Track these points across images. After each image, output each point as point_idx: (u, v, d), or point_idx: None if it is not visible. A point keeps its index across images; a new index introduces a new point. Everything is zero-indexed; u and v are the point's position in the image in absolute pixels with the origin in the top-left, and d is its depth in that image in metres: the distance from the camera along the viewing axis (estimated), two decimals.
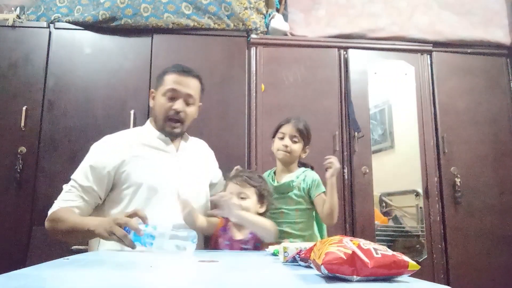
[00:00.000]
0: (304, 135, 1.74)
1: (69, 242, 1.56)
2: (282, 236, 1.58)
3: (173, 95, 1.53)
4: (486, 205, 2.47)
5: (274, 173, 1.79)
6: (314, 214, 1.72)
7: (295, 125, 1.73)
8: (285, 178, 1.72)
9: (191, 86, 1.56)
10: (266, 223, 1.48)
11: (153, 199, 1.44)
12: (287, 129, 1.74)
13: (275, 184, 1.72)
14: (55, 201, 1.46)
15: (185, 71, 1.57)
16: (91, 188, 1.44)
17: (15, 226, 2.16)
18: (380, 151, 2.58)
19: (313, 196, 1.67)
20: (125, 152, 1.48)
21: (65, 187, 1.47)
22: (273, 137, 1.80)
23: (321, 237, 1.73)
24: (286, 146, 1.71)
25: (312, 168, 1.79)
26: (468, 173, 2.49)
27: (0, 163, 2.21)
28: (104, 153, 1.48)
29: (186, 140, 1.65)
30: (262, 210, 1.52)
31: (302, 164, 1.80)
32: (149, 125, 1.62)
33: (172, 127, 1.54)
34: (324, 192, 1.66)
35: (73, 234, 1.38)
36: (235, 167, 1.69)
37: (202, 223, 1.45)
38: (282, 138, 1.74)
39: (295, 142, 1.72)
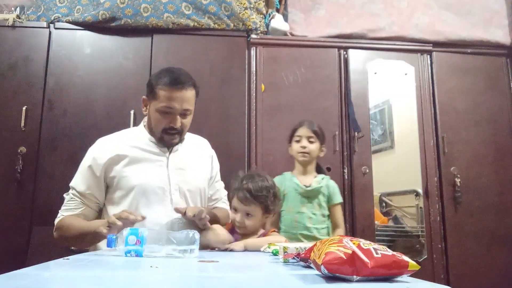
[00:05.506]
0: (319, 135, 1.84)
1: (80, 247, 1.54)
2: (311, 241, 1.61)
3: (169, 111, 1.46)
4: (486, 205, 2.47)
5: (295, 177, 1.88)
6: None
7: (309, 126, 1.84)
8: (313, 183, 1.82)
9: (186, 99, 1.46)
10: (271, 241, 1.40)
11: (143, 202, 1.44)
12: (303, 131, 1.84)
13: (307, 188, 1.81)
14: (59, 211, 1.48)
15: (177, 83, 1.44)
16: (91, 194, 1.46)
17: (15, 226, 2.16)
18: (380, 151, 2.58)
19: (331, 203, 1.82)
20: (118, 156, 1.47)
21: (66, 196, 1.49)
22: (290, 142, 1.88)
23: None
24: (304, 147, 1.81)
25: (327, 172, 1.93)
26: (468, 173, 2.49)
27: (0, 163, 2.22)
28: (97, 158, 1.48)
29: (182, 141, 1.62)
30: (269, 219, 1.52)
31: (318, 168, 1.90)
32: (142, 128, 1.60)
33: (170, 139, 1.51)
34: (340, 203, 1.84)
35: (82, 239, 1.42)
36: (239, 173, 1.53)
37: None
38: (299, 141, 1.84)
39: (311, 142, 1.83)
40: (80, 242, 1.47)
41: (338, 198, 1.85)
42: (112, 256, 1.04)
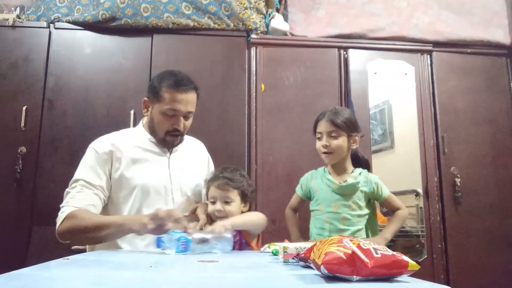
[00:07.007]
0: (343, 127, 1.55)
1: (88, 242, 1.45)
2: None
3: (173, 113, 1.48)
4: (486, 205, 2.47)
5: (328, 172, 1.64)
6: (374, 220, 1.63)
7: (329, 119, 1.56)
8: (349, 179, 1.58)
9: (190, 101, 1.49)
10: (254, 217, 1.47)
11: (146, 201, 1.44)
12: (322, 127, 1.58)
13: (341, 184, 1.57)
14: (63, 207, 1.36)
15: (182, 85, 1.46)
16: (100, 186, 1.43)
17: (15, 226, 2.16)
18: (380, 151, 2.58)
19: (381, 198, 1.60)
20: (120, 154, 1.47)
21: (71, 190, 1.40)
22: (314, 134, 1.63)
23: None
24: (326, 146, 1.56)
25: (367, 166, 1.68)
26: (468, 173, 2.49)
27: (0, 163, 2.22)
28: (101, 154, 1.46)
29: (181, 141, 1.62)
30: (246, 208, 1.49)
31: (356, 162, 1.66)
32: (141, 128, 1.60)
33: (172, 141, 1.53)
34: (389, 195, 1.61)
35: (98, 231, 1.30)
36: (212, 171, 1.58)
37: None
38: (320, 138, 1.59)
39: (334, 137, 1.55)
40: (92, 235, 1.31)
41: (385, 191, 1.60)
42: (112, 256, 1.04)
